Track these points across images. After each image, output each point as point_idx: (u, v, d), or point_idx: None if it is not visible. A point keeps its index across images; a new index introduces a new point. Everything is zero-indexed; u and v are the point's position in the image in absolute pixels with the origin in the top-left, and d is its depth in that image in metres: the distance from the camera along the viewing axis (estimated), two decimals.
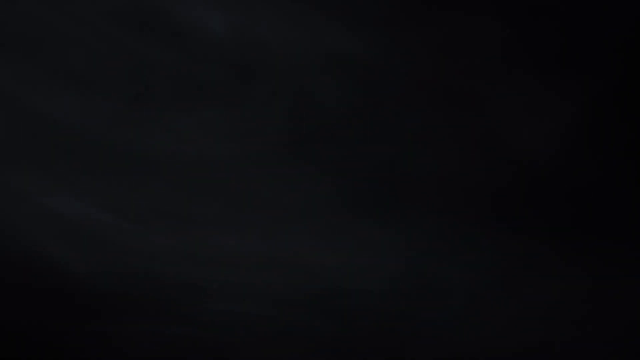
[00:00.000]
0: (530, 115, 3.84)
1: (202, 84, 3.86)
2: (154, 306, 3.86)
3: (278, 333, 3.87)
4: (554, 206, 3.85)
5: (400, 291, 3.88)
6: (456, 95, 3.86)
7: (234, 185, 3.90)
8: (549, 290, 3.84)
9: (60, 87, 3.83)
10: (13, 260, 3.81)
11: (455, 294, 3.87)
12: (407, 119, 3.86)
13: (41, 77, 3.84)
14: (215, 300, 3.88)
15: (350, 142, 3.88)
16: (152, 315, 3.87)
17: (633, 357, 3.77)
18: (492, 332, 3.83)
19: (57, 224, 3.85)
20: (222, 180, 3.89)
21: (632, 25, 3.79)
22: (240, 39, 3.84)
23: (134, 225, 3.87)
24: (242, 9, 3.83)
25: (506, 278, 3.86)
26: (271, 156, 3.88)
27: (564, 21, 3.79)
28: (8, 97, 3.81)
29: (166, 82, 3.85)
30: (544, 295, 3.85)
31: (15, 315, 3.82)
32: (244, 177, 3.89)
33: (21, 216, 3.83)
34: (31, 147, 3.83)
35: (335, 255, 3.89)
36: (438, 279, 3.88)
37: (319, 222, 3.89)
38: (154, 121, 3.86)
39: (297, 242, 3.89)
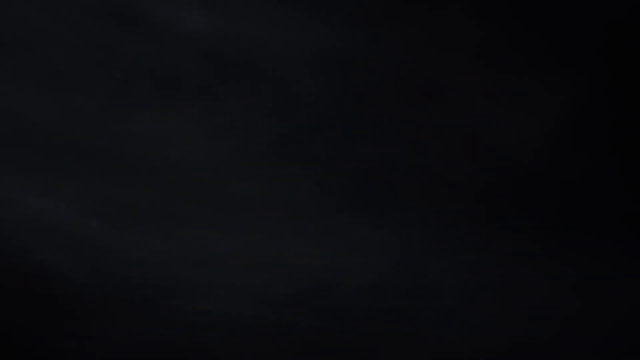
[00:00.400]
0: (518, 112, 3.81)
1: (183, 82, 3.79)
2: (141, 308, 3.86)
3: (268, 332, 3.88)
4: (542, 203, 3.83)
5: (390, 289, 3.87)
6: (443, 92, 3.82)
7: (219, 185, 3.87)
8: (538, 287, 3.84)
9: (39, 87, 3.76)
10: None
11: (446, 291, 3.87)
12: (393, 116, 3.81)
13: (19, 75, 3.76)
14: (204, 300, 3.85)
15: (336, 139, 3.83)
16: (139, 317, 3.86)
17: (622, 353, 3.76)
18: (482, 329, 3.84)
19: (37, 225, 3.80)
20: (208, 180, 3.86)
21: (619, 22, 3.74)
22: (222, 35, 3.77)
23: (117, 227, 3.84)
24: (223, 6, 3.75)
25: (496, 275, 3.86)
26: (256, 155, 3.83)
27: (551, 18, 3.74)
28: None
29: (147, 80, 3.78)
30: (534, 292, 3.85)
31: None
32: (229, 176, 3.85)
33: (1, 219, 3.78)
34: (9, 149, 3.77)
35: (323, 254, 3.87)
36: (428, 277, 3.87)
37: (306, 220, 3.87)
38: (135, 120, 3.79)
39: (285, 241, 3.87)
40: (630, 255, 3.80)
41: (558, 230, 3.81)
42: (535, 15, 3.76)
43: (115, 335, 3.82)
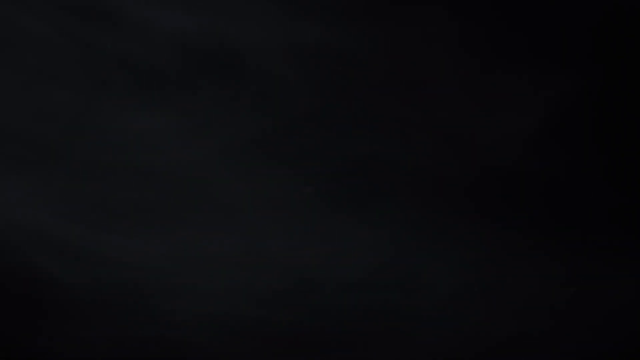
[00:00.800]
0: (505, 108, 3.81)
1: (165, 79, 3.77)
2: (125, 309, 3.78)
3: (256, 331, 3.79)
4: (531, 199, 3.81)
5: (379, 286, 3.82)
6: (429, 89, 3.82)
7: (204, 183, 3.82)
8: (530, 282, 3.80)
9: (15, 85, 3.74)
10: None
11: (436, 288, 3.82)
12: (378, 112, 3.80)
13: None
14: (189, 300, 3.79)
15: (321, 135, 3.81)
16: (124, 318, 3.78)
17: (612, 347, 3.73)
18: (473, 325, 3.78)
19: (17, 227, 3.75)
20: (191, 179, 3.81)
21: (604, 18, 3.77)
22: (204, 31, 3.77)
23: (98, 228, 3.78)
24: (205, 2, 3.76)
25: (487, 271, 3.81)
26: (240, 151, 3.80)
27: (536, 15, 3.77)
28: None
29: (128, 77, 3.76)
30: (523, 287, 3.79)
31: None
32: (213, 174, 3.81)
33: None
34: None
35: (311, 251, 3.82)
36: (417, 274, 3.82)
37: (292, 217, 3.82)
38: (117, 119, 3.77)
39: (272, 238, 3.82)
40: (620, 250, 3.79)
41: (548, 225, 3.79)
42: (521, 13, 3.79)
43: (97, 336, 3.75)
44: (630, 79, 3.78)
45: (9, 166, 3.75)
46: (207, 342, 3.76)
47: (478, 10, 3.77)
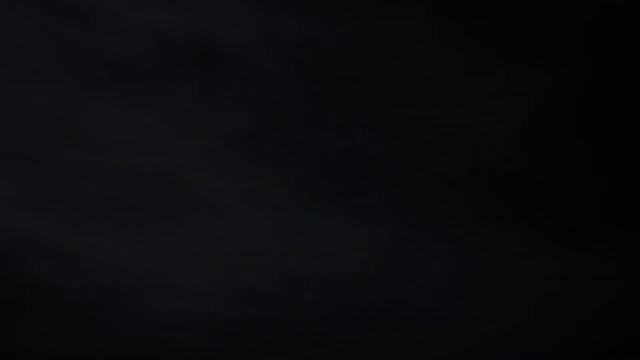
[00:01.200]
0: (492, 106, 3.79)
1: (146, 77, 3.74)
2: (112, 310, 3.77)
3: (243, 329, 3.77)
4: (520, 195, 3.80)
5: (369, 282, 3.80)
6: (414, 85, 3.79)
7: (189, 183, 3.79)
8: (519, 277, 3.78)
9: None
10: None
11: (426, 283, 3.81)
12: (362, 108, 3.77)
13: None
14: (177, 300, 3.77)
15: (305, 131, 3.78)
16: (109, 319, 3.77)
17: (600, 340, 3.73)
18: (464, 320, 3.78)
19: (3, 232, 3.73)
20: (176, 178, 3.78)
21: (589, 17, 3.75)
22: (186, 27, 3.74)
23: (78, 228, 3.76)
24: None
25: (476, 266, 3.80)
26: (224, 148, 3.77)
27: (521, 13, 3.75)
28: None
29: (108, 75, 3.73)
30: (514, 282, 3.79)
31: None
32: (198, 172, 3.78)
33: None
34: None
35: (299, 247, 3.80)
36: (405, 269, 3.81)
37: (279, 214, 3.80)
38: (97, 119, 3.74)
39: (259, 236, 3.80)
40: (609, 245, 3.78)
41: (537, 221, 3.78)
42: (507, 11, 3.77)
43: (85, 337, 3.73)
44: (615, 76, 3.77)
45: None
46: (196, 341, 3.76)
47: (463, 8, 3.74)
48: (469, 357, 3.74)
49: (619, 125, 3.76)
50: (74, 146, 3.75)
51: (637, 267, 3.74)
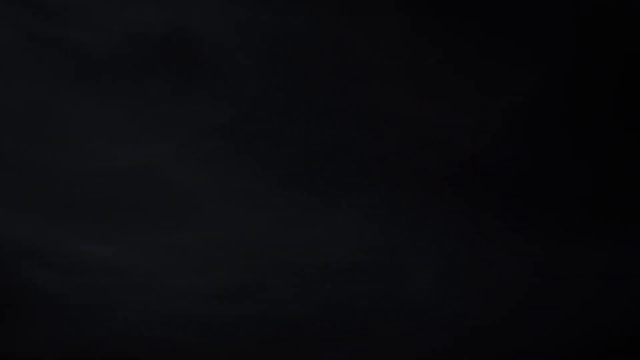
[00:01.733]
0: (474, 100, 3.75)
1: (122, 71, 3.67)
2: (100, 310, 3.74)
3: (233, 326, 3.76)
4: (505, 187, 3.78)
5: (354, 276, 3.78)
6: (394, 78, 3.74)
7: (169, 179, 3.75)
8: (504, 267, 3.77)
9: None
10: None
11: (412, 273, 3.80)
12: (340, 101, 3.72)
13: None
14: (164, 299, 3.75)
15: (283, 124, 3.73)
16: (97, 319, 3.75)
17: (585, 330, 3.74)
18: (451, 309, 3.78)
19: None
20: (156, 174, 3.74)
21: (571, 14, 3.72)
22: (160, 21, 3.66)
23: (61, 229, 3.71)
24: None
25: (462, 257, 3.79)
26: (203, 142, 3.72)
27: (503, 8, 3.70)
28: None
29: (83, 70, 3.65)
30: (499, 272, 3.78)
31: None
32: (178, 168, 3.74)
33: None
34: None
35: (286, 240, 3.77)
36: (393, 259, 3.79)
37: (263, 211, 3.75)
38: (72, 115, 3.67)
39: (244, 231, 3.76)
40: (591, 234, 3.78)
41: (523, 208, 3.77)
42: (490, 7, 3.72)
43: (68, 337, 3.72)
44: (597, 73, 3.74)
45: None
46: (187, 340, 3.74)
47: (447, 5, 3.69)
48: (458, 349, 3.74)
49: (601, 120, 3.75)
50: (49, 145, 3.69)
51: (621, 259, 3.74)
